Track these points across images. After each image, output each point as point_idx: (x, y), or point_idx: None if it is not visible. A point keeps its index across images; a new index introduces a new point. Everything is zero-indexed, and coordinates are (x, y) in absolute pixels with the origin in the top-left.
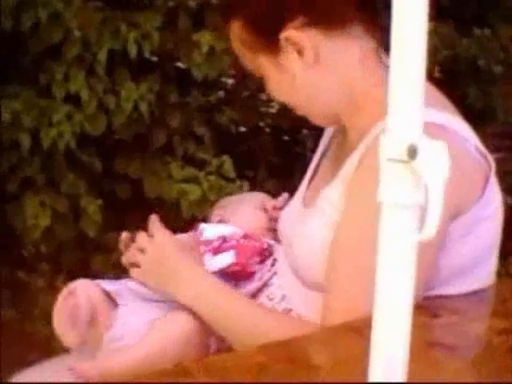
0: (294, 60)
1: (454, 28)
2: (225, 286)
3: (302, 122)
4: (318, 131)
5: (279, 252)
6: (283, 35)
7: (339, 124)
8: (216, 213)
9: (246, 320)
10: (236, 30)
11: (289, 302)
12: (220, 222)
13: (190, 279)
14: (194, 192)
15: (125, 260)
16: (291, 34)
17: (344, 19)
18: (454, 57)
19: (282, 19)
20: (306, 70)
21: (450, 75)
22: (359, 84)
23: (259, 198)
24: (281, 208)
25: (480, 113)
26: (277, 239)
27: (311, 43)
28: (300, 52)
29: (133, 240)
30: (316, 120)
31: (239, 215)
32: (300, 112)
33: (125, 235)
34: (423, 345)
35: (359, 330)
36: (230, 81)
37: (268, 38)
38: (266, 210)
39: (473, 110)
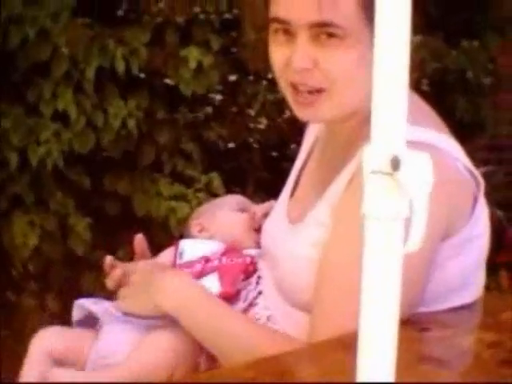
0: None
1: (443, 40)
2: (212, 297)
3: (290, 138)
4: None
5: (263, 267)
6: None
7: (343, 124)
8: (195, 222)
9: (234, 332)
10: None
11: (275, 323)
12: (201, 231)
13: (176, 291)
14: (183, 209)
15: (109, 283)
16: None
17: None
18: (443, 69)
19: None
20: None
21: (438, 87)
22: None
23: (235, 199)
24: (266, 215)
25: (469, 125)
26: (259, 244)
27: None
28: None
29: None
30: (338, 109)
31: (218, 222)
32: (334, 94)
33: (108, 260)
34: (413, 358)
35: (347, 345)
36: (218, 97)
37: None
38: (244, 210)
39: (461, 122)
